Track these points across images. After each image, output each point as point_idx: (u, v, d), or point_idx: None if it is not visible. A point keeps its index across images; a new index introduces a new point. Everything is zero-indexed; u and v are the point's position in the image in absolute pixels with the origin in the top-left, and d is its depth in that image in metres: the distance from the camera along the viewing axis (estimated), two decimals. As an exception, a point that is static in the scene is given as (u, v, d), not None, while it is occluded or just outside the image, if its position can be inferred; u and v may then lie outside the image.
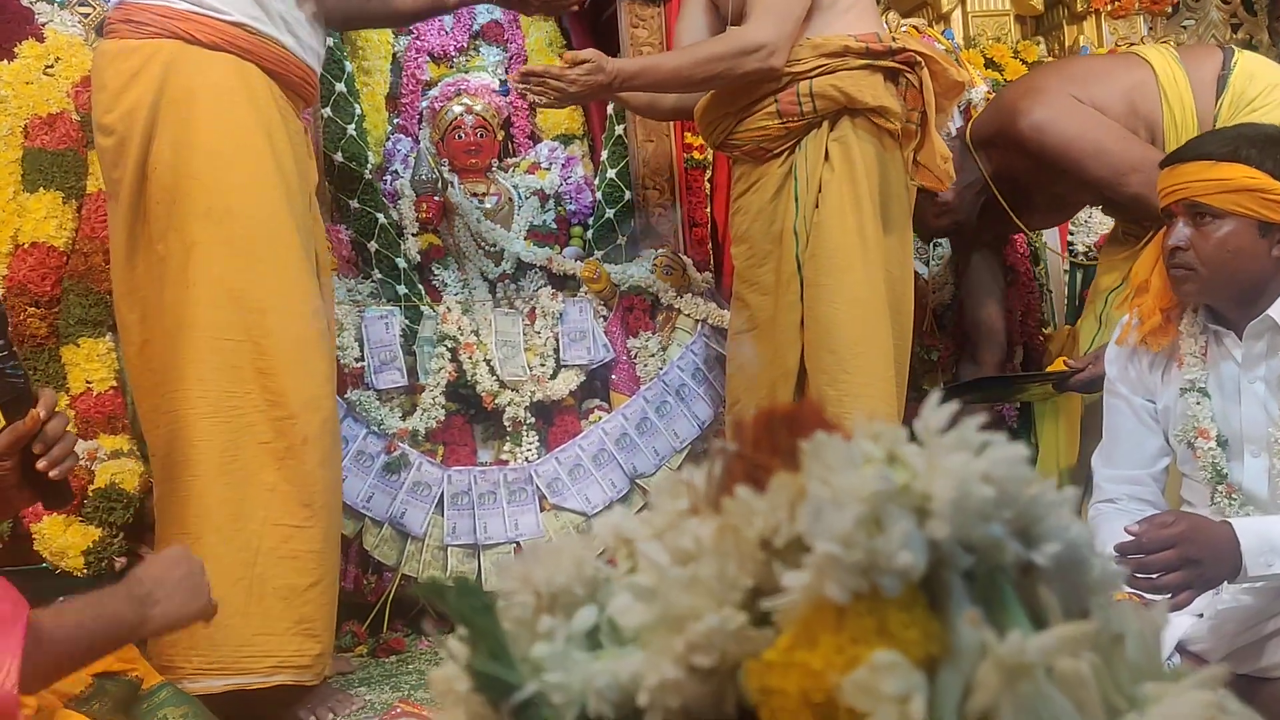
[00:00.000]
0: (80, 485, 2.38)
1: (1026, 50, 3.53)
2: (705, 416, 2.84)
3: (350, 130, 2.84)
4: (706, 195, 3.11)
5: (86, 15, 2.80)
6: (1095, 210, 3.15)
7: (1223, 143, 1.69)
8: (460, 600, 0.45)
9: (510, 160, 3.15)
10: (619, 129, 3.05)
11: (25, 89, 2.64)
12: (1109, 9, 3.63)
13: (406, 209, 2.90)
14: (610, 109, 3.06)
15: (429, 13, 2.62)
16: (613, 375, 2.88)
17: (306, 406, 1.99)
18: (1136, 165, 2.44)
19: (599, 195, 3.05)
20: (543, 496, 2.74)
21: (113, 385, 2.54)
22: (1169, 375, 1.80)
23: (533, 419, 2.79)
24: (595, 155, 3.14)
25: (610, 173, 3.03)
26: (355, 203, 2.83)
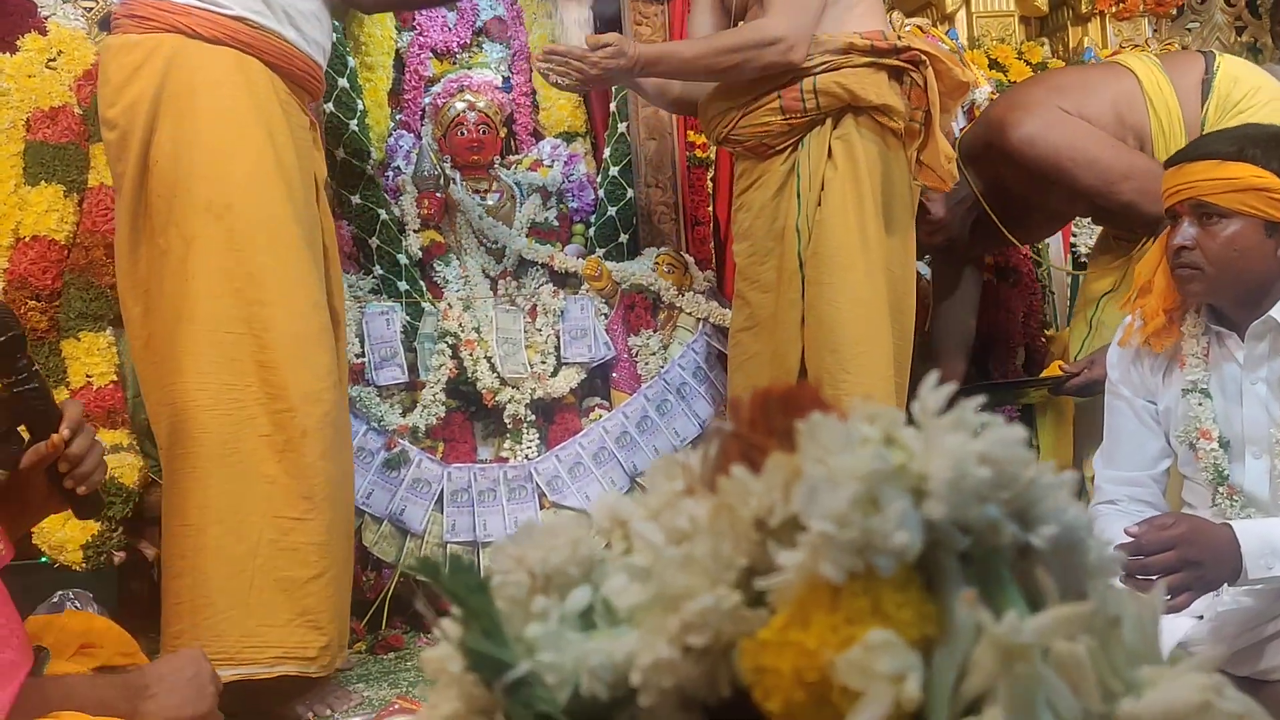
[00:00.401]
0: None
1: (1030, 51, 3.52)
2: (706, 415, 2.84)
3: (352, 126, 2.84)
4: (709, 194, 3.11)
5: (89, 9, 2.80)
6: (1097, 212, 3.14)
7: (1228, 142, 1.69)
8: (454, 579, 0.44)
9: (512, 157, 3.14)
10: (621, 126, 3.04)
11: (28, 82, 2.64)
12: (1114, 11, 3.62)
13: (408, 205, 2.89)
14: (613, 106, 3.06)
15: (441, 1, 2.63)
16: (614, 373, 2.88)
17: (306, 399, 1.99)
18: (1127, 173, 2.44)
19: (601, 193, 3.05)
20: (542, 494, 2.74)
21: (113, 380, 2.54)
22: (1170, 376, 1.80)
23: (533, 416, 2.79)
24: (598, 153, 3.14)
25: (612, 170, 3.03)
26: (357, 198, 2.83)
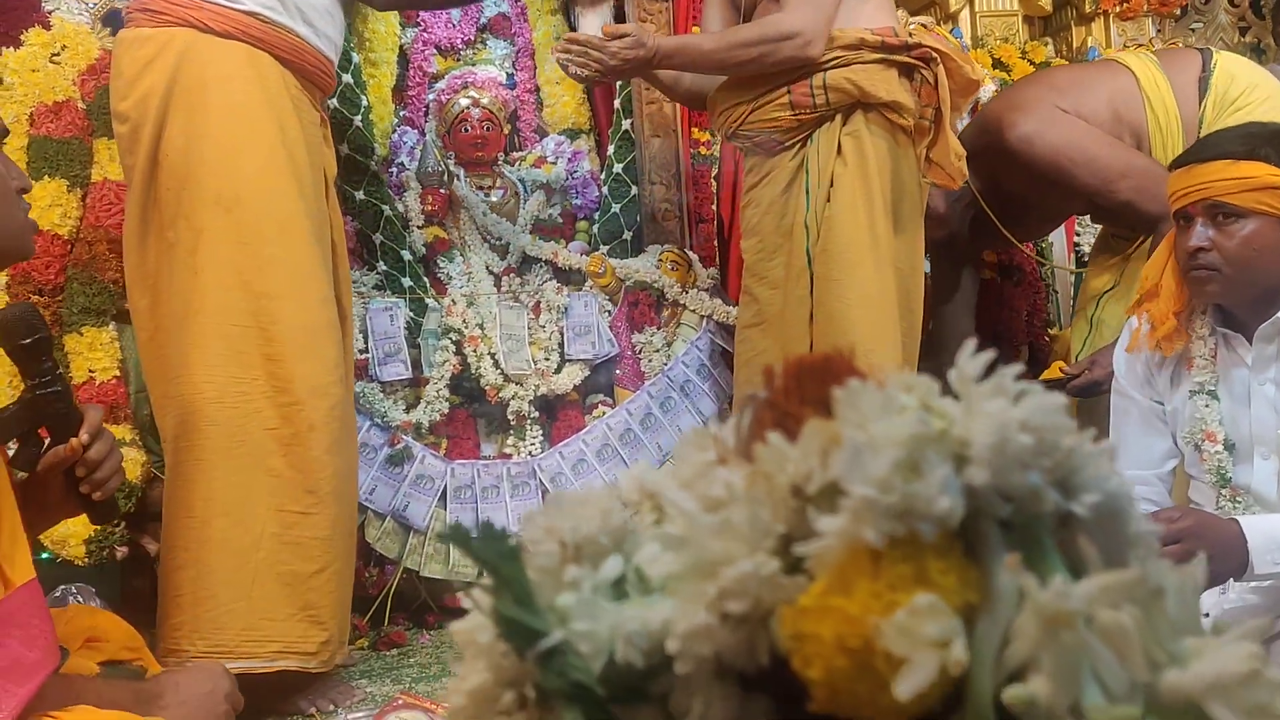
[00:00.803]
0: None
1: (1034, 51, 3.52)
2: (710, 412, 2.83)
3: (356, 122, 2.84)
4: (713, 191, 3.10)
5: (93, 4, 2.79)
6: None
7: (1238, 142, 1.68)
8: (486, 546, 0.44)
9: (516, 154, 3.14)
10: (626, 123, 3.04)
11: (31, 76, 2.63)
12: (1117, 11, 3.62)
13: (412, 201, 2.89)
14: (617, 103, 3.05)
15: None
16: (617, 370, 2.87)
17: (313, 393, 1.99)
18: (1125, 172, 2.44)
19: (605, 190, 3.04)
20: (545, 491, 2.73)
21: (115, 375, 2.53)
22: (1178, 377, 1.80)
23: (536, 413, 2.78)
24: (602, 150, 3.13)
25: (616, 167, 3.02)
26: (361, 195, 2.82)
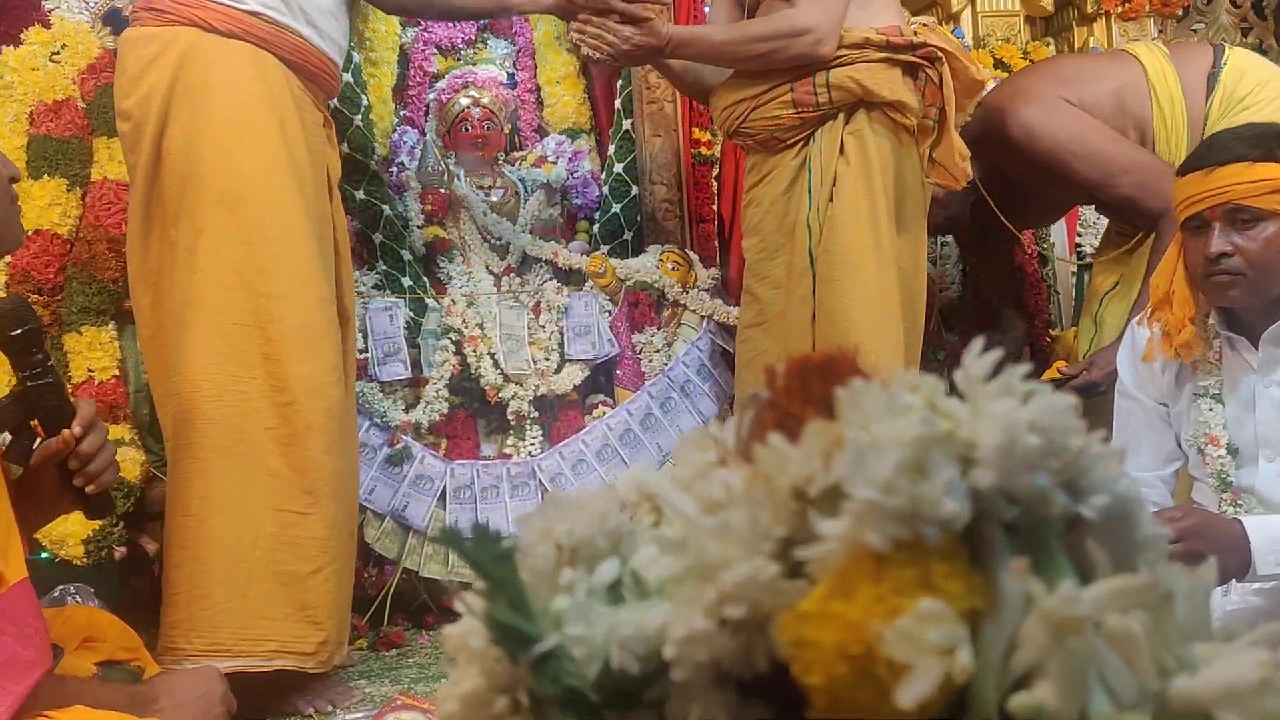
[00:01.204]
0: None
1: (1036, 51, 3.51)
2: (710, 413, 2.82)
3: (357, 121, 2.83)
4: (714, 191, 3.09)
5: (93, 2, 2.79)
6: (1101, 211, 3.15)
7: (1251, 144, 1.66)
8: (478, 548, 0.43)
9: (517, 153, 3.13)
10: (626, 123, 3.03)
11: (31, 75, 2.63)
12: (1119, 11, 3.61)
13: (412, 201, 2.88)
14: (618, 103, 3.04)
15: (489, 13, 2.59)
16: (617, 370, 2.86)
17: (311, 393, 1.98)
18: (1128, 167, 2.43)
19: (605, 189, 3.03)
20: (545, 491, 2.71)
21: (115, 374, 2.53)
22: (1183, 379, 1.79)
23: (536, 413, 2.77)
24: (602, 149, 3.12)
25: (617, 167, 3.01)
26: (361, 194, 2.81)
